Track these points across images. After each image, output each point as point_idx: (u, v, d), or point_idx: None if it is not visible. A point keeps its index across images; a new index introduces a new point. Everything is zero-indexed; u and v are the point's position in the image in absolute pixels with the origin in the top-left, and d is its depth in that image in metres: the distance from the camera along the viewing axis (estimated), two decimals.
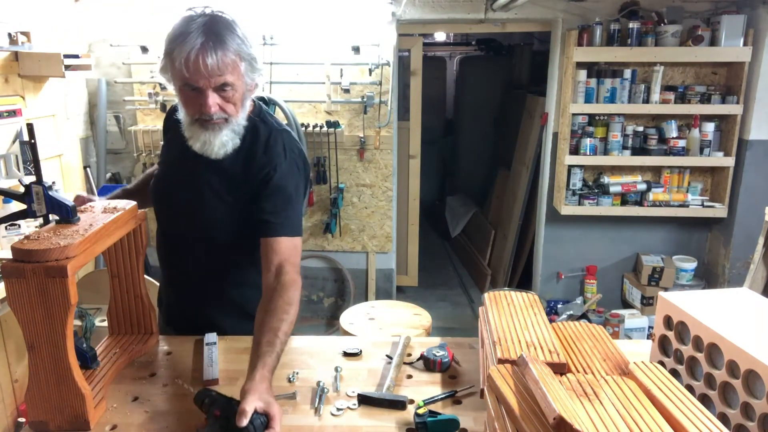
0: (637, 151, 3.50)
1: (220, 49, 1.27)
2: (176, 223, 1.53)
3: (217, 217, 1.45)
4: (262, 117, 1.48)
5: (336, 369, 1.34)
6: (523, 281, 4.35)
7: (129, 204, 1.37)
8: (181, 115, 1.40)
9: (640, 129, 3.50)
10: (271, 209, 1.39)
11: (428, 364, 1.35)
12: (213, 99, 1.31)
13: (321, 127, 3.64)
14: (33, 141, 1.29)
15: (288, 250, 1.36)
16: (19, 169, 2.74)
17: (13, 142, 2.77)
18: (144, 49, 3.48)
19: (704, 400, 1.08)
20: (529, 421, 0.83)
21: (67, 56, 2.87)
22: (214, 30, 1.28)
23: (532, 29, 3.91)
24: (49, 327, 1.08)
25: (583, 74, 3.37)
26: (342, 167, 3.80)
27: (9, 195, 1.32)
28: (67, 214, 1.20)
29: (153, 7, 3.49)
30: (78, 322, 2.68)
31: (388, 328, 2.64)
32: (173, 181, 1.51)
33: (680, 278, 3.65)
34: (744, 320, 1.10)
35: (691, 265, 3.64)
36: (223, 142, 1.37)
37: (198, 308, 1.57)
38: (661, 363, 1.21)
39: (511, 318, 1.24)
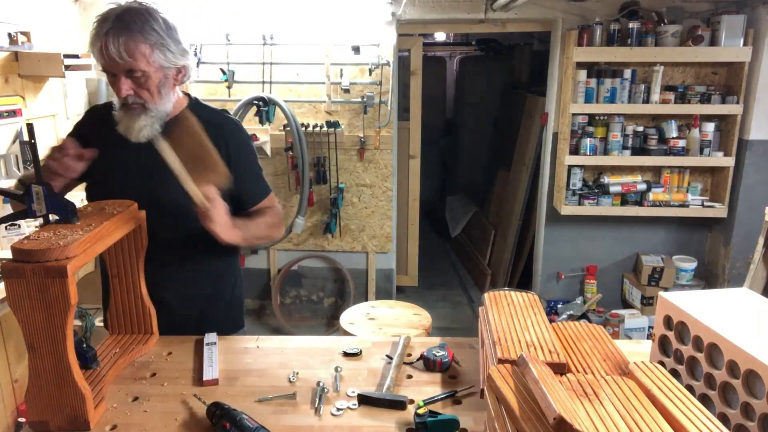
0: (637, 151, 3.50)
1: (123, 35, 1.36)
2: (150, 216, 1.49)
3: (182, 195, 1.45)
4: (199, 103, 1.63)
5: (336, 369, 1.34)
6: (523, 281, 4.35)
7: (129, 204, 1.37)
8: (115, 101, 1.49)
9: (640, 129, 3.50)
10: (251, 180, 1.61)
11: (428, 364, 1.35)
12: (124, 83, 1.41)
13: (321, 127, 3.64)
14: (33, 141, 1.29)
15: (270, 202, 1.65)
16: (19, 169, 2.74)
17: (13, 142, 2.77)
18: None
19: (704, 400, 1.08)
20: (529, 421, 0.83)
21: (67, 56, 2.87)
22: (123, 19, 1.38)
23: (532, 29, 3.91)
24: (49, 327, 1.08)
25: (583, 74, 3.37)
26: (342, 167, 3.80)
27: (9, 195, 1.32)
28: (67, 214, 1.20)
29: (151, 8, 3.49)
30: (78, 322, 2.69)
31: (388, 328, 2.64)
32: (131, 175, 1.52)
33: (680, 278, 3.65)
34: (744, 320, 1.10)
35: (691, 265, 3.64)
36: (141, 126, 1.46)
37: (182, 300, 1.60)
38: (661, 363, 1.21)
39: (511, 318, 1.24)
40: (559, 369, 1.04)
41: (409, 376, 1.33)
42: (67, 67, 2.88)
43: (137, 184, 1.51)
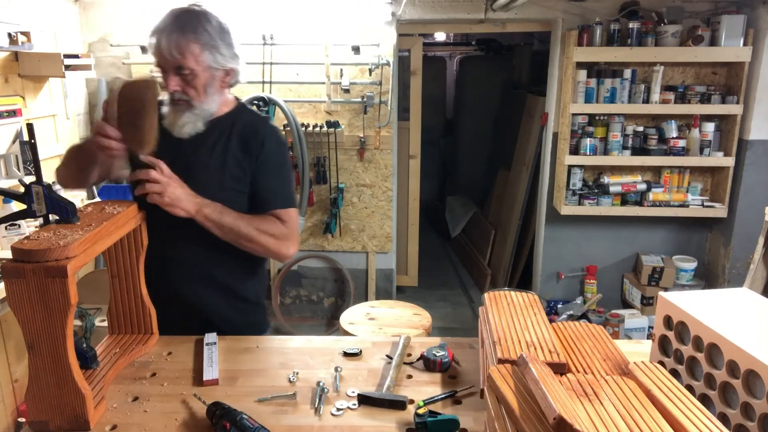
0: (637, 151, 3.50)
1: (176, 34, 1.43)
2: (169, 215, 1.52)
3: (222, 195, 1.54)
4: (246, 108, 1.67)
5: (336, 369, 1.34)
6: (523, 281, 4.35)
7: (129, 204, 1.37)
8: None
9: (640, 129, 3.50)
10: (269, 184, 1.59)
11: (428, 364, 1.35)
12: (173, 80, 1.48)
13: (321, 127, 3.64)
14: (33, 141, 1.29)
15: (285, 216, 1.59)
16: (19, 169, 2.74)
17: (13, 142, 2.77)
18: (144, 49, 3.48)
19: (704, 400, 1.08)
20: (529, 421, 0.83)
21: (67, 56, 2.87)
22: (180, 19, 1.46)
23: (532, 29, 3.92)
24: (49, 327, 1.08)
25: (583, 74, 3.37)
26: (342, 167, 3.80)
27: (9, 195, 1.32)
28: (67, 214, 1.20)
29: (153, 7, 3.49)
30: (78, 322, 2.69)
31: (388, 328, 2.64)
32: (171, 168, 1.51)
33: (680, 278, 3.65)
34: (744, 320, 1.10)
35: (691, 265, 3.64)
36: (184, 122, 1.51)
37: (191, 295, 1.60)
38: (661, 363, 1.21)
39: (511, 318, 1.24)
40: (559, 369, 1.04)
41: (409, 376, 1.33)
42: (67, 67, 2.88)
43: (180, 176, 1.52)
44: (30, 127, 1.27)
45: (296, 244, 1.62)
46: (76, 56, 2.99)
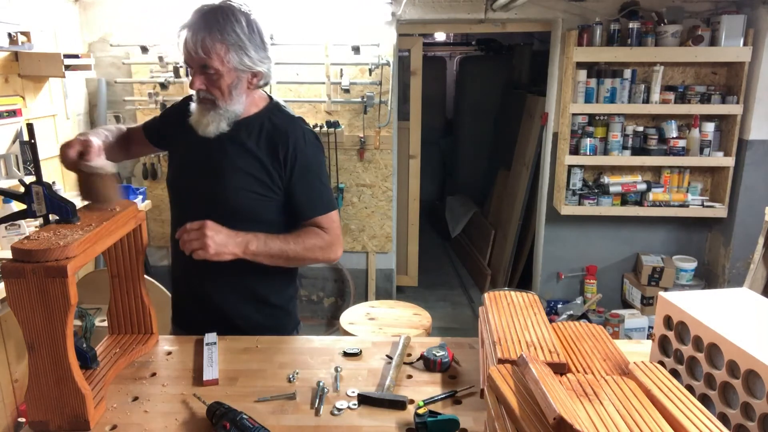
0: (637, 151, 3.50)
1: (203, 33, 1.39)
2: (200, 210, 1.51)
3: (244, 198, 1.52)
4: (278, 107, 1.62)
5: (336, 369, 1.34)
6: (523, 281, 4.35)
7: (129, 204, 1.37)
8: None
9: (640, 129, 3.50)
10: (306, 192, 1.54)
11: (428, 364, 1.35)
12: (198, 78, 1.44)
13: (321, 127, 3.64)
14: (33, 141, 1.29)
15: (324, 223, 1.55)
16: (19, 169, 2.74)
17: (13, 142, 2.77)
18: (144, 49, 3.48)
19: (704, 400, 1.08)
20: (529, 421, 0.83)
21: (67, 56, 2.87)
22: (207, 17, 1.41)
23: (532, 29, 3.91)
24: (49, 327, 1.08)
25: (583, 74, 3.37)
26: (342, 167, 3.80)
27: (9, 195, 1.32)
28: (67, 214, 1.20)
29: (153, 7, 3.49)
30: (78, 322, 2.69)
31: (388, 328, 2.64)
32: (195, 166, 1.55)
33: (680, 278, 3.65)
34: (744, 320, 1.10)
35: (691, 265, 3.64)
36: (207, 122, 1.48)
37: (218, 298, 1.58)
38: (661, 363, 1.21)
39: (511, 318, 1.24)
40: (559, 369, 1.04)
41: (409, 376, 1.33)
42: (67, 67, 2.88)
43: (197, 178, 1.55)
44: (30, 127, 1.27)
45: (341, 245, 1.59)
46: (76, 56, 2.99)
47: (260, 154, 1.51)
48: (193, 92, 1.51)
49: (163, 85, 3.53)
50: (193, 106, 1.52)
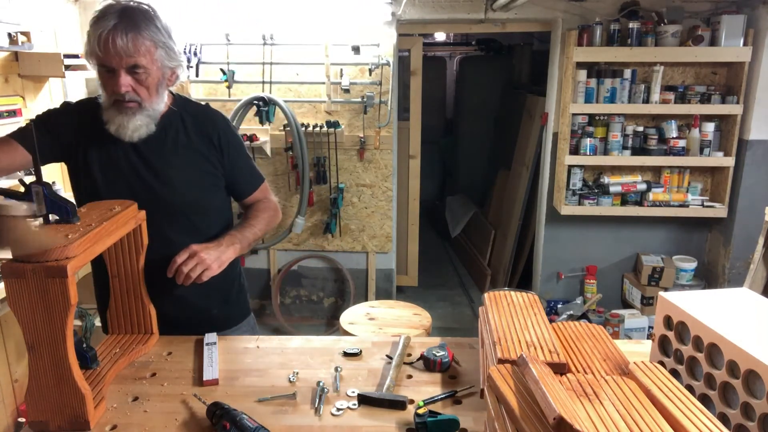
0: (637, 151, 3.50)
1: (131, 31, 1.37)
2: (152, 214, 1.48)
3: (196, 192, 1.56)
4: (185, 99, 1.63)
5: (336, 369, 1.34)
6: (523, 281, 4.35)
7: (129, 204, 1.37)
8: (102, 99, 1.47)
9: (640, 129, 3.50)
10: (243, 169, 1.64)
11: (428, 364, 1.35)
12: (125, 79, 1.39)
13: (321, 127, 3.64)
14: (33, 141, 1.29)
15: (262, 194, 1.71)
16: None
17: None
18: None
19: (704, 400, 1.08)
20: (529, 421, 0.83)
21: (67, 56, 2.87)
22: (128, 15, 1.39)
23: (532, 29, 3.91)
24: (49, 327, 1.08)
25: (583, 74, 3.37)
26: (342, 167, 3.80)
27: (9, 195, 1.32)
28: (67, 214, 1.20)
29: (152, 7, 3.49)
30: (78, 322, 2.69)
31: (388, 328, 2.64)
32: (130, 173, 1.51)
33: (680, 278, 3.65)
34: (744, 320, 1.10)
35: (691, 265, 3.64)
36: (137, 125, 1.45)
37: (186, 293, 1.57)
38: (661, 363, 1.21)
39: (511, 318, 1.24)
40: (559, 369, 1.04)
41: (409, 376, 1.33)
42: (67, 67, 2.88)
43: (129, 184, 1.51)
44: (30, 127, 1.27)
45: (279, 206, 1.75)
46: (76, 56, 2.98)
47: (196, 145, 1.55)
48: (71, 100, 1.50)
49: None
50: (106, 113, 1.44)
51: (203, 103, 1.69)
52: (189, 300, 1.60)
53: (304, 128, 3.61)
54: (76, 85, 3.54)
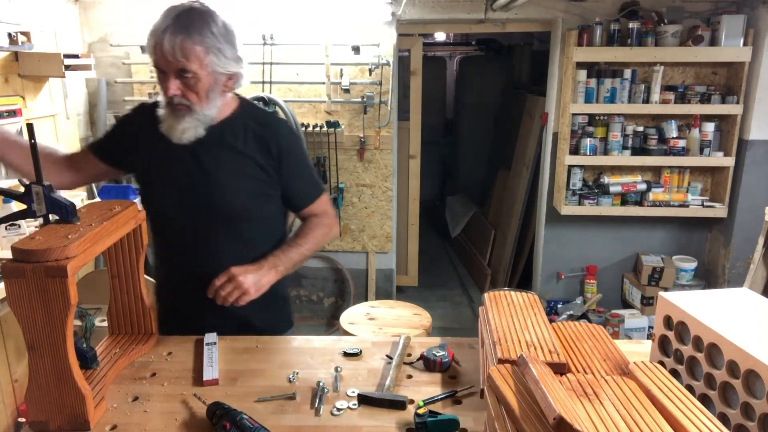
0: (637, 151, 3.50)
1: (181, 35, 1.35)
2: (197, 221, 1.51)
3: (244, 200, 1.52)
4: (251, 105, 1.62)
5: (336, 369, 1.34)
6: (523, 281, 4.35)
7: (129, 204, 1.37)
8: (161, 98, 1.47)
9: (640, 129, 3.50)
10: (300, 181, 1.60)
11: (428, 364, 1.35)
12: (173, 83, 1.39)
13: (321, 127, 3.64)
14: (33, 141, 1.29)
15: (320, 206, 1.65)
16: None
17: None
18: (144, 49, 3.48)
19: (704, 400, 1.08)
20: (529, 421, 0.83)
21: (67, 56, 2.87)
22: (183, 19, 1.37)
23: (532, 29, 3.91)
24: (49, 327, 1.08)
25: (583, 74, 3.37)
26: (342, 167, 3.80)
27: (9, 195, 1.32)
28: (67, 214, 1.20)
29: (153, 7, 3.49)
30: (78, 322, 2.69)
31: (388, 328, 2.64)
32: (182, 176, 1.51)
33: (680, 278, 3.65)
34: (744, 320, 1.10)
35: (691, 265, 3.64)
36: (184, 128, 1.44)
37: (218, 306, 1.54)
38: (661, 363, 1.21)
39: (511, 318, 1.24)
40: (559, 369, 1.04)
41: (409, 376, 1.33)
42: (67, 67, 2.88)
43: (188, 188, 1.50)
44: (30, 127, 1.27)
45: (337, 220, 1.72)
46: (76, 56, 2.98)
47: (252, 153, 1.51)
48: (145, 99, 1.50)
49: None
50: (161, 112, 1.46)
51: (268, 110, 1.68)
52: (233, 310, 1.53)
53: (304, 128, 3.61)
54: (76, 85, 3.54)
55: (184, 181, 1.51)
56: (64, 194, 1.47)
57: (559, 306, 3.72)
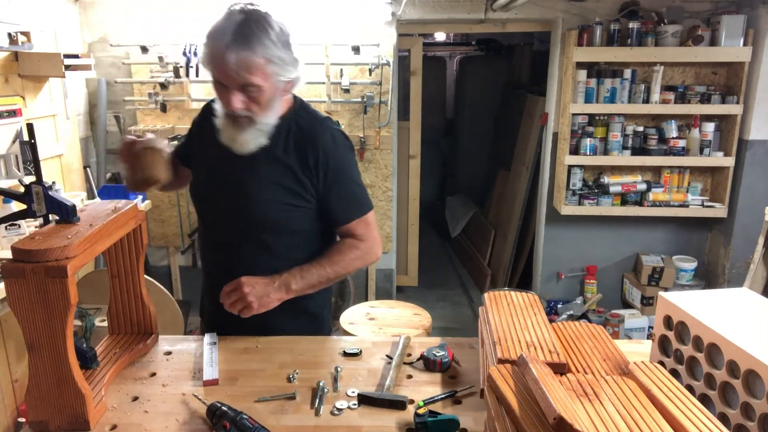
0: (637, 151, 3.50)
1: (244, 51, 1.29)
2: (227, 224, 1.51)
3: (274, 210, 1.47)
4: (303, 107, 1.53)
5: (336, 369, 1.34)
6: (523, 281, 4.35)
7: (129, 204, 1.37)
8: (217, 106, 1.45)
9: (640, 129, 3.50)
10: (341, 197, 1.49)
11: (428, 364, 1.35)
12: (237, 97, 1.35)
13: None
14: (33, 141, 1.29)
15: (360, 228, 1.52)
16: (19, 169, 2.74)
17: (13, 142, 2.77)
18: (144, 49, 3.48)
19: (704, 400, 1.08)
20: (529, 421, 0.83)
21: (67, 56, 2.87)
22: (245, 30, 1.30)
23: (532, 29, 3.91)
24: (49, 327, 1.08)
25: (583, 74, 3.37)
26: None
27: (9, 195, 1.32)
28: (67, 214, 1.20)
29: (153, 7, 3.49)
30: (78, 322, 2.69)
31: (388, 328, 2.64)
32: (220, 178, 1.50)
33: (680, 278, 3.65)
34: (744, 320, 1.10)
35: (691, 265, 3.64)
36: (247, 139, 1.41)
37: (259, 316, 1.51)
38: (661, 363, 1.21)
39: (511, 318, 1.24)
40: (559, 369, 1.04)
41: (409, 376, 1.33)
42: (67, 67, 2.88)
43: (221, 190, 1.49)
44: (30, 127, 1.27)
45: (379, 245, 1.56)
46: (76, 56, 2.98)
47: (289, 161, 1.45)
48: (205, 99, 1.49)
49: (163, 85, 3.53)
50: (220, 122, 1.43)
51: (323, 115, 1.55)
52: (269, 320, 1.50)
53: None
54: (76, 85, 3.54)
55: (219, 184, 1.50)
56: (64, 194, 1.47)
57: (559, 306, 3.72)
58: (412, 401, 1.22)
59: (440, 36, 6.32)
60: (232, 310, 1.40)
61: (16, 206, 2.19)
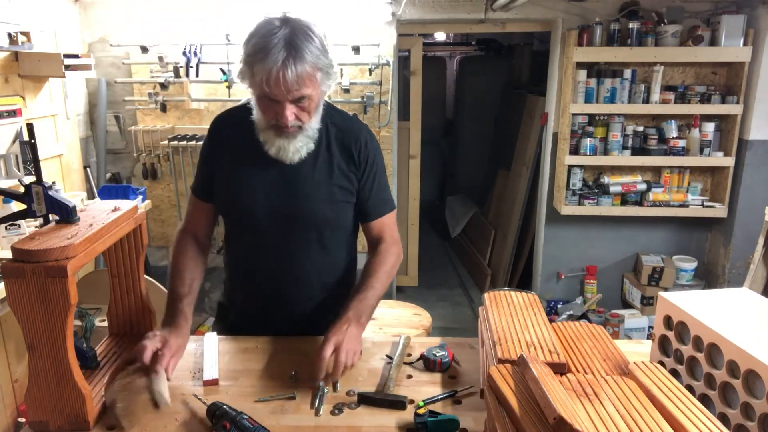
0: (637, 151, 3.50)
1: (299, 63, 1.28)
2: (283, 230, 1.49)
3: (330, 209, 1.49)
4: (332, 107, 1.55)
5: None
6: (523, 281, 4.35)
7: (129, 204, 1.37)
8: (256, 118, 1.41)
9: (640, 129, 3.50)
10: (375, 190, 1.53)
11: (428, 364, 1.35)
12: (290, 110, 1.34)
13: None
14: (33, 141, 1.29)
15: (388, 225, 1.57)
16: (19, 169, 2.74)
17: (13, 142, 2.77)
18: (144, 49, 3.48)
19: (704, 400, 1.08)
20: (529, 421, 0.83)
21: (67, 56, 2.87)
22: (294, 43, 1.30)
23: (532, 29, 3.91)
24: (49, 327, 1.08)
25: (583, 74, 3.37)
26: None
27: (9, 195, 1.32)
28: (67, 214, 1.20)
29: (153, 7, 3.49)
30: (78, 322, 2.69)
31: (388, 328, 2.64)
32: (272, 185, 1.47)
33: (680, 278, 3.65)
34: (744, 320, 1.10)
35: (691, 265, 3.64)
36: (297, 148, 1.40)
37: (304, 320, 1.56)
38: (661, 363, 1.21)
39: (511, 318, 1.24)
40: (559, 369, 1.04)
41: (409, 376, 1.33)
42: (67, 67, 2.88)
43: (275, 197, 1.47)
44: (30, 127, 1.27)
45: (400, 244, 1.61)
46: (76, 56, 2.98)
47: (336, 159, 1.47)
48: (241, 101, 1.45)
49: (163, 85, 3.53)
50: (264, 135, 1.41)
51: (350, 114, 1.59)
52: (306, 315, 1.55)
53: None
54: (76, 85, 3.54)
55: (273, 191, 1.47)
56: (64, 194, 1.48)
57: (559, 306, 3.72)
58: (412, 401, 1.22)
59: (440, 36, 6.32)
60: (344, 369, 1.31)
61: (16, 206, 2.19)
